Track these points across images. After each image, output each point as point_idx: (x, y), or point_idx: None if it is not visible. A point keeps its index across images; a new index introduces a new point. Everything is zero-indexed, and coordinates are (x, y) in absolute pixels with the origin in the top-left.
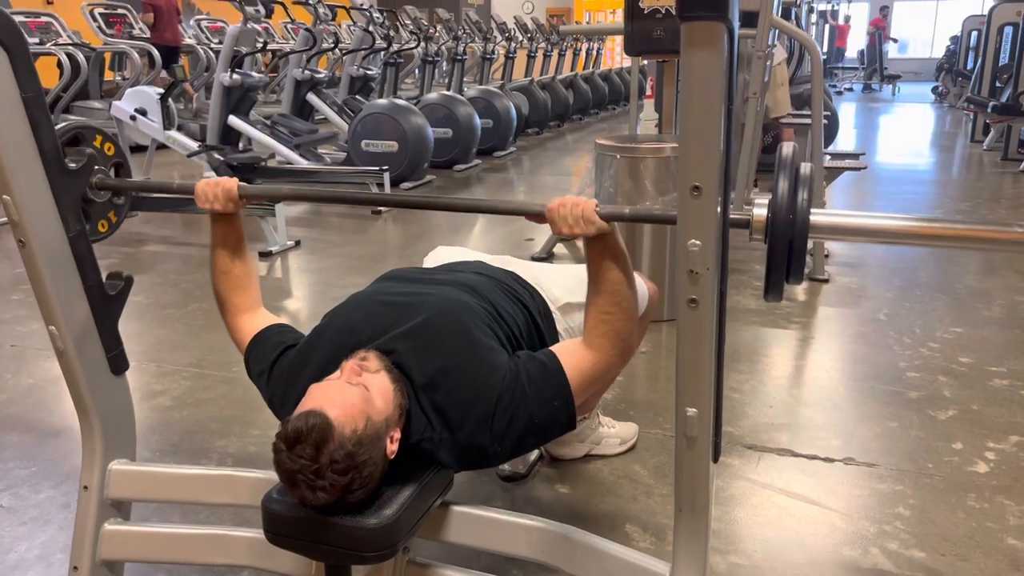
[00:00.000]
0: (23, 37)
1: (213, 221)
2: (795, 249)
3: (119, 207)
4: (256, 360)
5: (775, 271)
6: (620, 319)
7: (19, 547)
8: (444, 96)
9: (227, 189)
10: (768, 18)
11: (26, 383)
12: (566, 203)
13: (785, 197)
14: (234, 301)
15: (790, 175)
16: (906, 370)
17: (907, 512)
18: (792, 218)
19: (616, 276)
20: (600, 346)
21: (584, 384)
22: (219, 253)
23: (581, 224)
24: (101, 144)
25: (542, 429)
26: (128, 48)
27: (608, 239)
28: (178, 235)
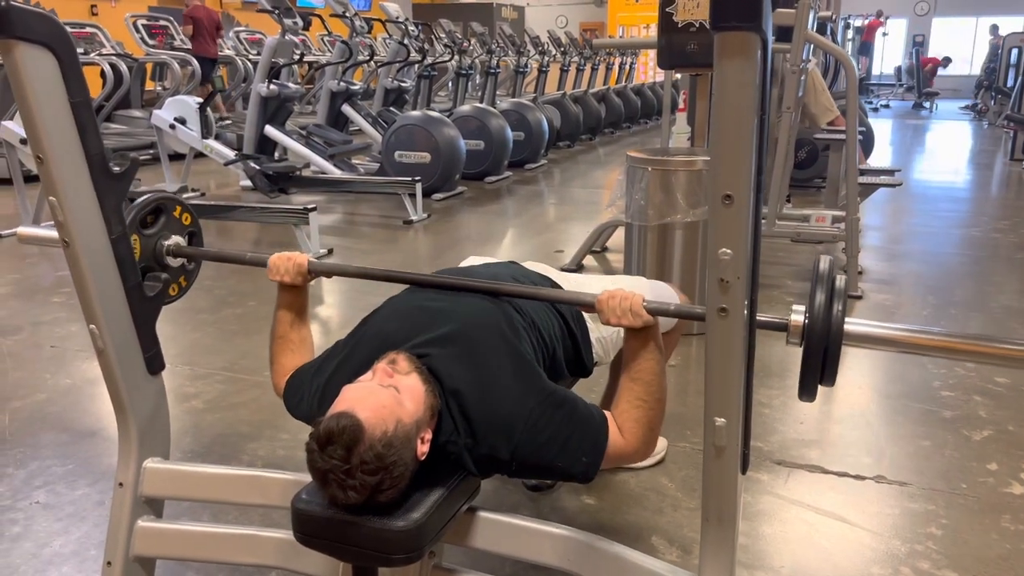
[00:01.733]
0: (72, 44)
1: (280, 289)
2: (829, 355)
3: (190, 272)
4: (294, 390)
5: (810, 375)
6: (653, 408)
7: (55, 542)
8: (477, 108)
9: (298, 264)
10: (803, 33)
11: (65, 383)
12: (615, 296)
13: (822, 308)
14: (283, 363)
15: (827, 287)
16: (940, 389)
17: (939, 532)
18: (828, 327)
19: (652, 367)
20: (631, 431)
21: (612, 455)
22: (280, 319)
23: (628, 316)
24: (180, 214)
25: (559, 470)
26: (169, 59)
27: (650, 332)
28: (214, 242)
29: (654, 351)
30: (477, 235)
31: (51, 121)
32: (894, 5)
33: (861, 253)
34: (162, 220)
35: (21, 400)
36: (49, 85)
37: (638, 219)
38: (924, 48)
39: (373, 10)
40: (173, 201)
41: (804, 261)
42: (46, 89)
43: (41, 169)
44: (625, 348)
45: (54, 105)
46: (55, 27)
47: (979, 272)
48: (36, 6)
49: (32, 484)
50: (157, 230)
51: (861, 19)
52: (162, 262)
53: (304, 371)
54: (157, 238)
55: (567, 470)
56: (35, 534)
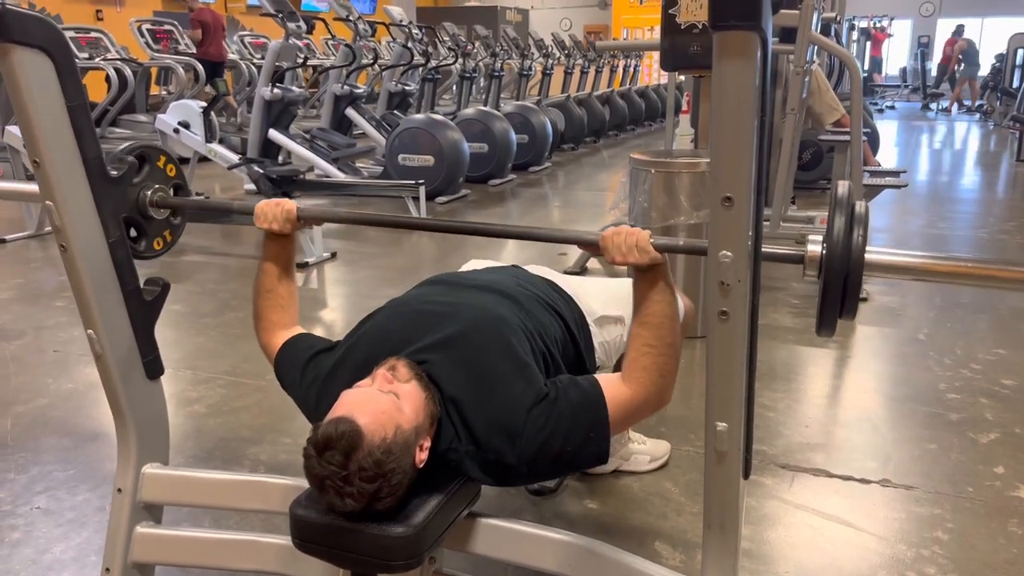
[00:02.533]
0: (69, 48)
1: (267, 240)
2: (849, 286)
3: (175, 227)
4: (287, 366)
5: (829, 307)
6: (663, 353)
7: (55, 548)
8: (480, 111)
9: (286, 210)
10: (807, 34)
11: (66, 388)
12: (620, 232)
13: (841, 235)
14: (272, 319)
15: (846, 213)
16: (946, 392)
17: (946, 537)
18: (847, 255)
19: (662, 309)
20: (639, 380)
21: (620, 419)
22: (267, 271)
23: (635, 253)
24: (164, 165)
25: (573, 458)
26: (173, 63)
27: (658, 271)
28: (217, 246)
29: (663, 292)
30: (481, 238)
31: (48, 125)
32: (899, 6)
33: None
34: (146, 169)
35: (23, 405)
36: (46, 89)
37: (641, 221)
38: (929, 49)
39: (377, 13)
40: (157, 151)
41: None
42: (43, 93)
43: (38, 173)
44: (633, 292)
45: (51, 109)
46: (51, 31)
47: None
48: (41, 11)
49: (33, 489)
50: (140, 180)
51: (866, 20)
52: (145, 213)
53: (300, 349)
54: (140, 188)
55: (580, 454)
56: (35, 540)
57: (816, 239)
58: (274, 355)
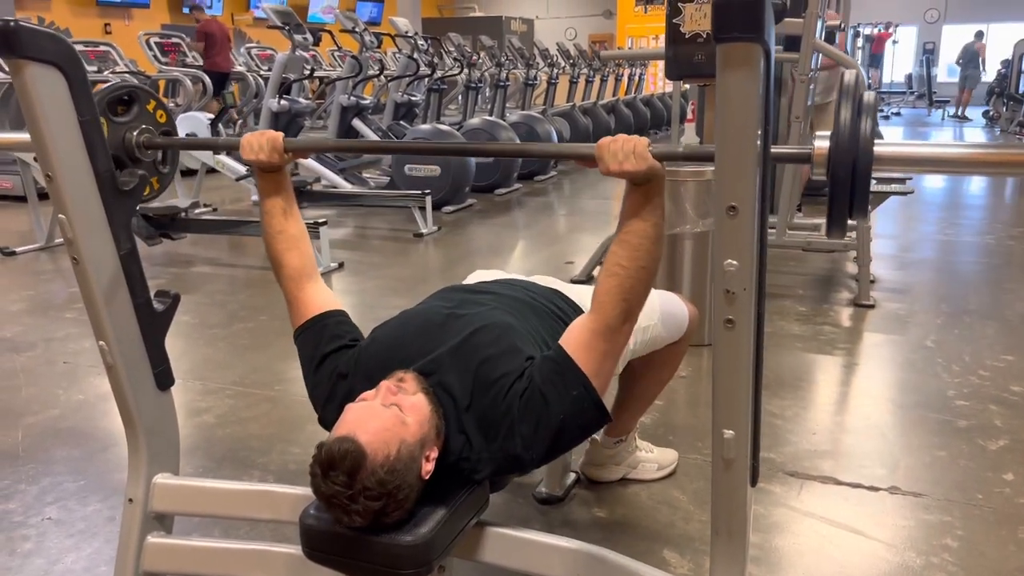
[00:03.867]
0: (81, 63)
1: (260, 179)
2: (859, 181)
3: (164, 175)
4: (308, 342)
5: (838, 205)
6: (631, 276)
7: (66, 559)
8: (486, 121)
9: (272, 138)
10: (811, 42)
11: (77, 399)
12: (617, 139)
13: (848, 126)
14: (291, 263)
15: (853, 103)
16: (955, 398)
17: (955, 544)
18: (855, 148)
19: (645, 229)
20: (600, 304)
21: (595, 360)
22: (271, 211)
23: (632, 159)
24: (154, 109)
25: (572, 424)
26: (181, 76)
27: (653, 185)
28: (225, 257)
29: (652, 211)
30: (487, 247)
31: (60, 139)
32: (904, 13)
33: (873, 262)
34: (134, 110)
35: (34, 416)
36: (58, 104)
37: None
38: (935, 56)
39: (383, 25)
40: (148, 94)
41: (815, 270)
42: (55, 108)
43: (50, 187)
44: (623, 205)
45: (63, 123)
46: (64, 46)
47: (993, 280)
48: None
49: (44, 500)
50: (128, 120)
51: (871, 27)
52: (132, 155)
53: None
54: (127, 128)
55: (576, 418)
56: (47, 550)
57: (824, 134)
58: (301, 321)
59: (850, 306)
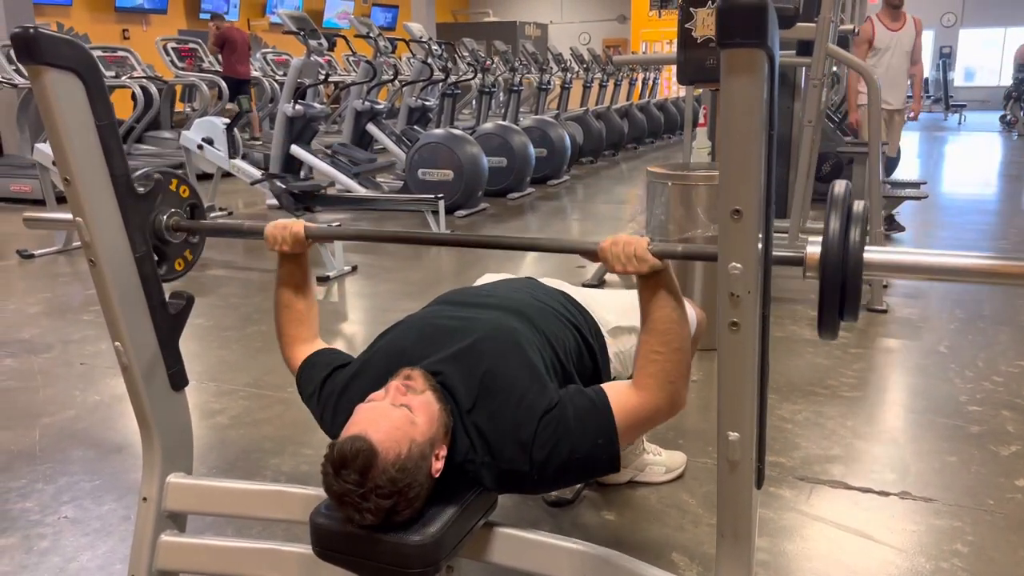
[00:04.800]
0: (98, 68)
1: (280, 260)
2: (848, 287)
3: (194, 246)
4: (306, 381)
5: (828, 309)
6: (669, 359)
7: (82, 557)
8: (499, 126)
9: (295, 233)
10: (824, 47)
11: (93, 400)
12: (619, 241)
13: (837, 235)
14: (291, 333)
15: (842, 213)
16: (967, 404)
17: (965, 550)
18: (845, 256)
19: (667, 315)
20: (647, 387)
21: (629, 426)
22: (284, 289)
23: (634, 262)
24: (176, 187)
25: (583, 465)
26: (198, 80)
27: (661, 277)
28: (239, 260)
29: (666, 298)
30: (499, 251)
31: (78, 143)
32: (920, 17)
33: None
34: (160, 196)
35: (51, 417)
36: (76, 109)
37: (659, 234)
38: (951, 60)
39: (398, 30)
40: (169, 175)
41: None
42: (73, 112)
43: (68, 190)
44: (639, 299)
45: (81, 128)
46: (81, 52)
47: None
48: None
49: (60, 499)
50: (156, 205)
51: None
52: (163, 238)
53: (320, 365)
54: (155, 214)
55: (589, 460)
56: (63, 548)
57: (816, 240)
58: (296, 367)
59: (863, 311)
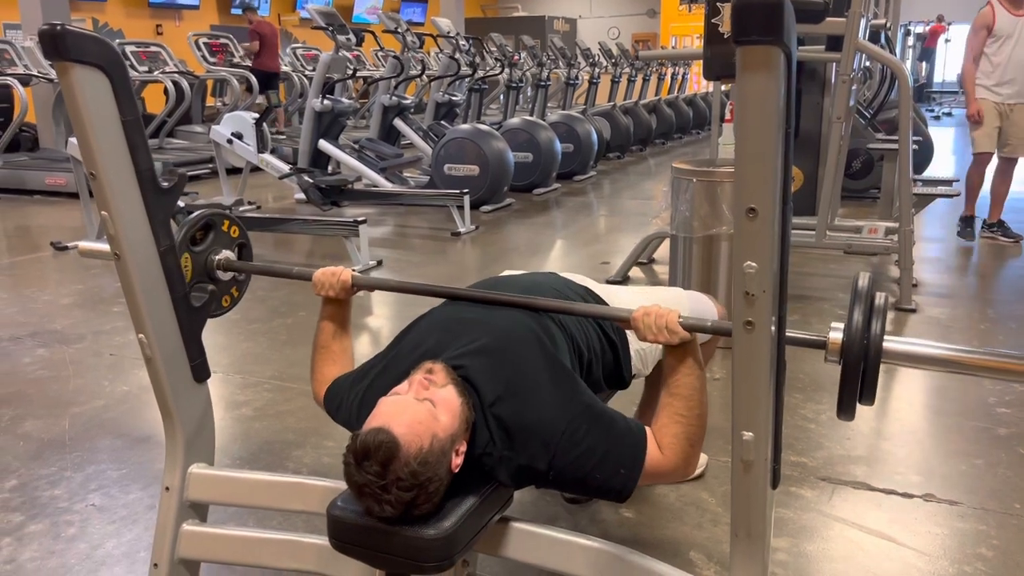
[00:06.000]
0: (124, 65)
1: (324, 303)
2: (868, 374)
3: (241, 283)
4: (332, 397)
5: (848, 393)
6: (692, 424)
7: (107, 544)
8: (525, 121)
9: (343, 281)
10: (853, 42)
11: (121, 390)
12: (651, 312)
13: (859, 327)
14: (324, 372)
15: (865, 305)
16: (996, 406)
17: (990, 553)
18: (865, 347)
19: (691, 383)
20: (670, 447)
21: (651, 470)
22: (323, 330)
23: (664, 333)
24: (228, 228)
25: (596, 484)
26: (228, 75)
27: (688, 347)
28: (268, 253)
29: (692, 367)
30: (524, 247)
31: (103, 139)
32: (957, 11)
33: (918, 265)
34: (211, 236)
35: (81, 406)
36: (102, 104)
37: (683, 231)
38: None
39: (427, 25)
40: (221, 216)
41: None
42: (99, 108)
43: (94, 185)
44: (664, 363)
45: (106, 123)
46: (108, 49)
47: None
48: (104, 26)
49: (88, 487)
50: (207, 246)
51: (922, 25)
52: (213, 276)
53: (343, 380)
54: (207, 253)
55: (604, 483)
56: (89, 535)
57: (839, 327)
58: (322, 401)
59: (891, 310)
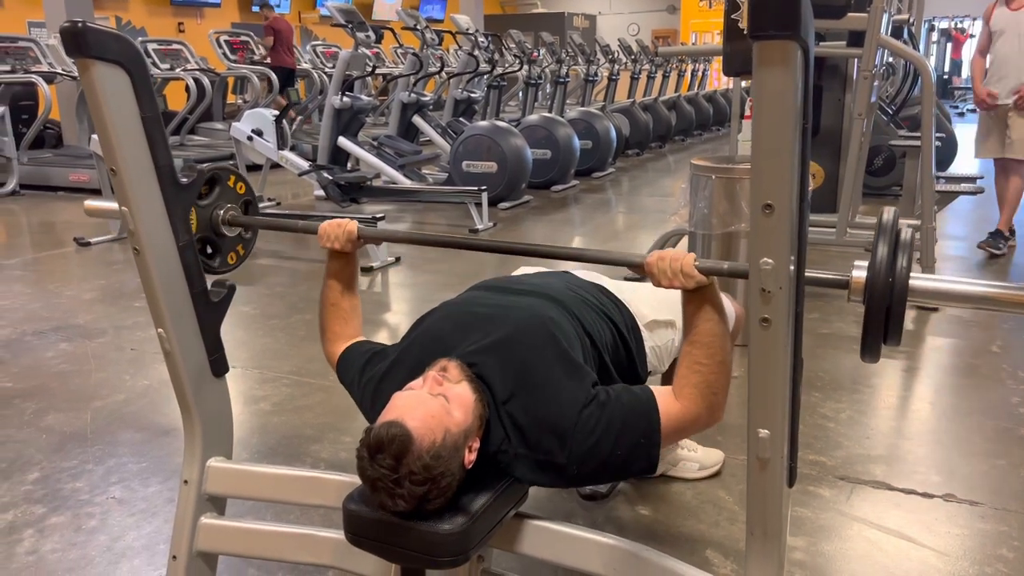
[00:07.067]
0: (144, 62)
1: (330, 257)
2: (893, 313)
3: (247, 241)
4: (345, 370)
5: (872, 334)
6: (713, 371)
7: (127, 536)
8: (544, 118)
9: (348, 231)
10: (875, 37)
11: (142, 384)
12: (665, 256)
13: (884, 262)
14: (335, 330)
15: (890, 240)
16: (1019, 406)
17: (1011, 555)
18: (891, 282)
19: (711, 328)
20: (689, 396)
21: (670, 431)
22: (331, 286)
23: (680, 278)
24: (234, 184)
25: (622, 463)
26: (249, 73)
27: (706, 292)
28: (287, 250)
29: (711, 312)
30: (542, 244)
31: (123, 135)
32: (981, 6)
33: (939, 263)
34: (217, 190)
35: (102, 400)
36: (122, 101)
37: (702, 228)
38: None
39: (446, 22)
40: (227, 171)
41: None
42: (119, 105)
43: (114, 181)
44: (683, 311)
45: (126, 120)
46: (128, 47)
47: None
48: (127, 23)
49: (109, 480)
50: (212, 200)
51: (947, 20)
52: (218, 231)
53: (356, 354)
54: (212, 208)
55: (627, 460)
56: (110, 528)
57: (862, 264)
58: (335, 361)
59: (912, 308)
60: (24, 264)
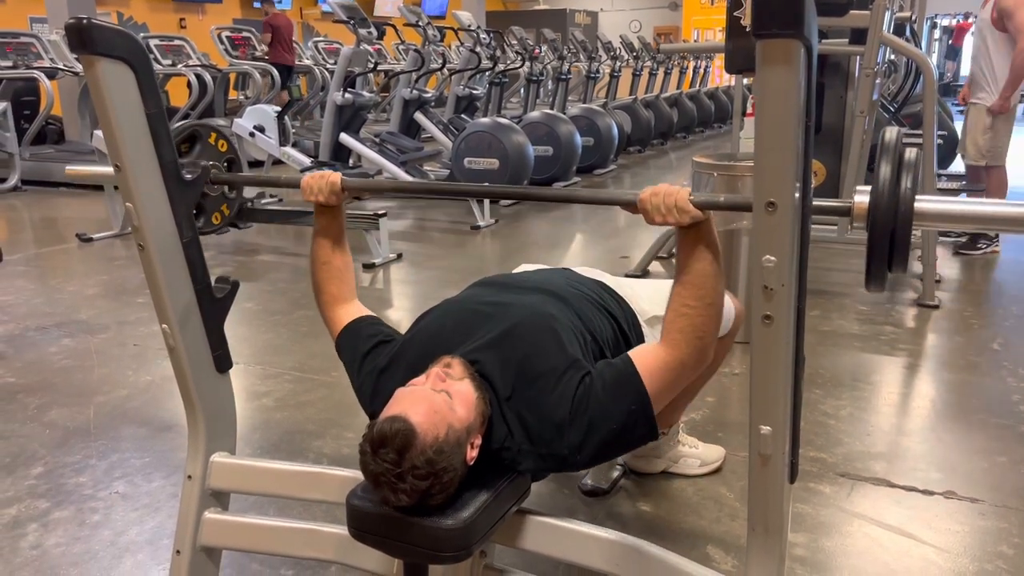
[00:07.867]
0: (148, 59)
1: (317, 213)
2: (898, 237)
3: (231, 200)
4: (347, 348)
5: (876, 260)
6: (700, 314)
7: (131, 531)
8: (545, 115)
9: (331, 183)
10: (878, 35)
11: (145, 380)
12: (659, 192)
13: (887, 183)
14: (331, 291)
15: (893, 160)
16: (1019, 403)
17: (1012, 552)
18: (895, 205)
19: (704, 267)
20: (675, 341)
21: (660, 387)
22: (320, 243)
23: (674, 213)
24: (215, 141)
25: (621, 436)
26: (251, 69)
27: (701, 229)
28: (289, 246)
29: (705, 251)
30: (543, 240)
31: (128, 131)
32: None
33: (941, 261)
34: (197, 148)
35: (105, 395)
36: (126, 97)
37: None
38: None
39: (448, 19)
40: (208, 127)
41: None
42: (124, 101)
43: (119, 177)
44: (676, 250)
45: (131, 116)
46: (132, 43)
47: None
48: (129, 19)
49: (112, 475)
50: (192, 159)
51: (949, 18)
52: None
53: (363, 335)
54: None
55: (626, 431)
56: (113, 522)
57: (864, 190)
58: (337, 333)
59: (913, 306)
60: (27, 260)
